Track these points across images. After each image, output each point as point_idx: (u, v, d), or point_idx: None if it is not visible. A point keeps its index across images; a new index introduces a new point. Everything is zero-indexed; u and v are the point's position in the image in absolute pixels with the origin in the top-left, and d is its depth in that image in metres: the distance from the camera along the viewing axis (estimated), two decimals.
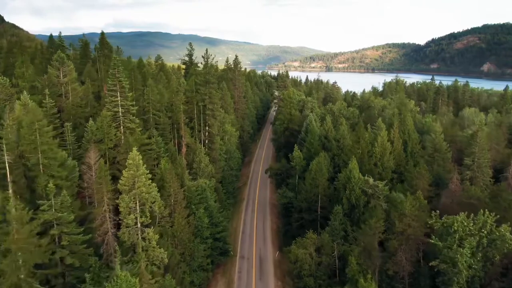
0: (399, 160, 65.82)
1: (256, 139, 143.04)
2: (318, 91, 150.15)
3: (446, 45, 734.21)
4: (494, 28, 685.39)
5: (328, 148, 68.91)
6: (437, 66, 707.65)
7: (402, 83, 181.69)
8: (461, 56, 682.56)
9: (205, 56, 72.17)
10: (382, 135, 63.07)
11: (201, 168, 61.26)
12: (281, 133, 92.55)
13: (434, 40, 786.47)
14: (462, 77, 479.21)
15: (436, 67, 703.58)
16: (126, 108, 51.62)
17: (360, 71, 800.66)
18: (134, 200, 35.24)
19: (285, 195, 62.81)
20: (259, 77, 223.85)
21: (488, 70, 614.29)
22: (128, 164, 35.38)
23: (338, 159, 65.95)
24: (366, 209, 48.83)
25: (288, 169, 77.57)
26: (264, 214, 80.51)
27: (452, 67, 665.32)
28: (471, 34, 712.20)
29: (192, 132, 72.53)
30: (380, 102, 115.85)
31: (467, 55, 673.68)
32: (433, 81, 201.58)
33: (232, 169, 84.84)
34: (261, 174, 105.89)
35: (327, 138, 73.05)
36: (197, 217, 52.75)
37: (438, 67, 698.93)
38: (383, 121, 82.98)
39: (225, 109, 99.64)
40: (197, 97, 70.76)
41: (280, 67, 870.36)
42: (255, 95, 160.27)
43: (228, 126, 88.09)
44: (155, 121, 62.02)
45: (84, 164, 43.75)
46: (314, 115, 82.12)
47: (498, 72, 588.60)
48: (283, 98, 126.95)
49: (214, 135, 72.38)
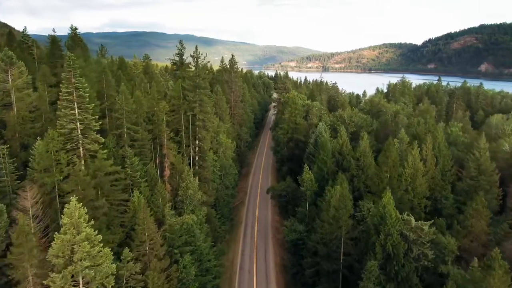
0: (434, 184, 53.03)
1: (254, 146, 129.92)
2: (321, 93, 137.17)
3: (443, 45, 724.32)
4: (491, 28, 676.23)
5: (345, 167, 55.97)
6: (435, 66, 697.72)
7: (408, 84, 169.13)
8: (458, 56, 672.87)
9: (194, 55, 58.88)
10: (414, 153, 50.14)
11: (188, 195, 48.14)
12: (284, 144, 79.44)
13: (431, 40, 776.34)
14: (460, 77, 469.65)
15: (434, 67, 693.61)
16: (87, 123, 38.33)
17: (357, 71, 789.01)
18: (73, 280, 22.08)
19: (294, 229, 49.66)
20: (256, 78, 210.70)
21: (486, 70, 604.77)
22: (64, 224, 22.20)
23: (357, 181, 53.09)
24: (407, 259, 35.98)
25: (294, 189, 64.57)
26: (265, 241, 67.34)
27: (450, 67, 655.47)
28: (468, 34, 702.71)
29: (179, 147, 59.33)
30: (392, 107, 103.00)
31: (464, 55, 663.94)
32: (440, 82, 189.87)
33: (227, 187, 71.74)
34: (261, 188, 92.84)
35: (342, 154, 60.14)
36: (181, 267, 39.61)
37: (436, 67, 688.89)
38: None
39: (220, 116, 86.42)
40: (184, 105, 57.55)
41: (277, 67, 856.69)
42: (252, 98, 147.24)
43: (223, 137, 74.93)
44: (130, 137, 48.71)
45: (17, 209, 30.53)
46: (323, 124, 69.09)
47: (496, 72, 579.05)
48: (285, 102, 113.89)
49: (206, 150, 59.20)
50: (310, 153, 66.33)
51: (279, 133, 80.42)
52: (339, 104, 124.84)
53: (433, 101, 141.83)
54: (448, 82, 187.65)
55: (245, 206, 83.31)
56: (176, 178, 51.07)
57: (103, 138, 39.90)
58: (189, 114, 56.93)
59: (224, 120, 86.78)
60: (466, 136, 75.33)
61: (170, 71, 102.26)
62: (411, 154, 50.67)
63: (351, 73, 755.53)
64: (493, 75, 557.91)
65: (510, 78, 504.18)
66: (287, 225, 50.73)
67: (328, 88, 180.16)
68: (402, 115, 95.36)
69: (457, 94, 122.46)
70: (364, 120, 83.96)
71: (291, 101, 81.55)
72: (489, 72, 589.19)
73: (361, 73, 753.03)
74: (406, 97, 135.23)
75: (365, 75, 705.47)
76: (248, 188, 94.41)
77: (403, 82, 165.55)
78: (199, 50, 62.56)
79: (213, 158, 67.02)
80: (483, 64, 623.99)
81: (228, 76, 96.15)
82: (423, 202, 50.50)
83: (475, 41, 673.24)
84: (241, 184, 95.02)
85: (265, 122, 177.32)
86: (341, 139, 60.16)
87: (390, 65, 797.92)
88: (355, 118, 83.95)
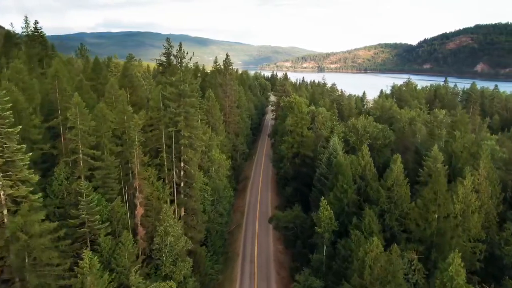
0: (487, 221, 40.58)
1: (252, 155, 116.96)
2: (324, 97, 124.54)
3: (439, 45, 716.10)
4: (486, 28, 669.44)
5: (371, 199, 43.35)
6: (430, 66, 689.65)
7: (413, 86, 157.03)
8: (454, 56, 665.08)
9: (178, 54, 45.85)
10: (466, 183, 37.61)
11: (167, 244, 35.25)
12: (288, 159, 66.55)
13: (426, 40, 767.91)
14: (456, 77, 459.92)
15: (429, 67, 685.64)
16: (8, 156, 25.27)
17: (353, 71, 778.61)
18: None
19: (309, 285, 36.82)
20: (252, 79, 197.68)
21: (482, 70, 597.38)
22: None
23: (389, 218, 40.46)
24: None
25: (303, 221, 51.77)
26: (268, 283, 54.63)
27: (445, 68, 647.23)
28: (464, 34, 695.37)
29: (160, 171, 46.36)
30: (407, 113, 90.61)
31: (460, 55, 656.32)
32: (446, 83, 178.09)
33: (221, 214, 58.79)
34: (261, 207, 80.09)
35: (364, 179, 47.50)
36: None
37: (431, 67, 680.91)
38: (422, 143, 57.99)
39: (213, 126, 73.53)
40: (165, 119, 44.55)
41: (272, 67, 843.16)
42: (249, 101, 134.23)
43: (216, 153, 62.00)
44: (88, 165, 35.59)
45: None
46: (337, 138, 56.32)
47: (492, 72, 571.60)
48: (285, 106, 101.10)
49: (193, 175, 46.17)
50: (322, 174, 53.56)
51: (282, 147, 67.40)
52: (344, 109, 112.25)
53: (443, 105, 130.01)
54: (455, 83, 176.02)
55: (242, 232, 70.31)
56: (152, 217, 38.07)
57: (36, 176, 26.82)
58: (172, 130, 43.91)
59: (217, 131, 73.83)
60: (503, 151, 63.06)
61: (154, 73, 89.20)
62: (461, 184, 38.10)
63: (346, 73, 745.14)
64: (489, 75, 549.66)
65: (506, 79, 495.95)
66: (300, 280, 37.73)
67: (330, 90, 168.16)
68: (419, 123, 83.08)
69: (474, 97, 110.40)
70: (380, 131, 71.39)
71: (296, 108, 68.66)
72: (485, 72, 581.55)
73: (356, 74, 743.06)
74: (416, 101, 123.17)
75: (361, 75, 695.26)
76: (246, 207, 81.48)
77: (408, 84, 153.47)
78: (188, 49, 49.79)
79: (203, 181, 54.09)
80: (478, 64, 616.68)
81: (222, 78, 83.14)
82: (478, 247, 38.03)
83: (470, 41, 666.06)
84: (237, 202, 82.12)
85: (263, 126, 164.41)
86: (363, 159, 47.43)
87: (386, 65, 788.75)
88: (369, 128, 71.35)
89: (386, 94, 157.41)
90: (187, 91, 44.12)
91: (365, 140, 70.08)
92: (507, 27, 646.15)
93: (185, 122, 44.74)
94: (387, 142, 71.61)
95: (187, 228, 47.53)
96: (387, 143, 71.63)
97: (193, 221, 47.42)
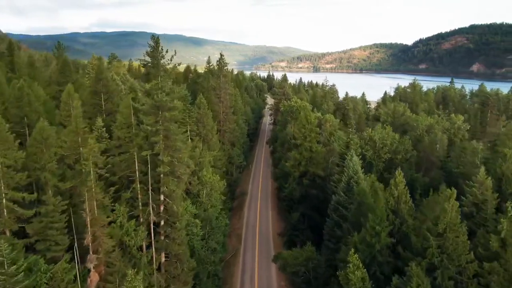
0: None
1: (249, 163, 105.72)
2: (327, 100, 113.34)
3: (434, 46, 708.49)
4: (481, 29, 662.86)
5: (411, 245, 32.30)
6: (426, 66, 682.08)
7: (419, 88, 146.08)
8: (450, 57, 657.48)
9: (156, 53, 34.47)
10: None
11: None
12: (294, 179, 55.15)
13: (421, 40, 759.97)
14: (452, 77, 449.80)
15: (425, 67, 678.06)
16: None
17: (348, 71, 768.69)
18: None
19: None
20: (249, 80, 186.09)
21: (478, 71, 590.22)
22: None
23: (442, 275, 29.49)
24: None
25: (318, 264, 40.50)
26: None
27: (441, 68, 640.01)
28: (459, 34, 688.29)
29: (132, 206, 34.99)
30: (424, 119, 79.69)
31: (455, 55, 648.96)
32: (452, 84, 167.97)
33: (214, 250, 47.43)
34: (260, 230, 69.07)
35: (397, 213, 36.47)
36: None
37: (427, 67, 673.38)
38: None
39: (205, 138, 62.18)
40: (138, 139, 33.13)
41: (267, 67, 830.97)
42: (246, 105, 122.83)
43: (207, 173, 50.56)
44: (15, 216, 24.05)
45: None
46: (356, 157, 45.11)
47: (488, 72, 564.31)
48: (286, 111, 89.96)
49: (176, 212, 34.75)
50: (340, 203, 42.36)
51: (287, 164, 55.93)
52: (350, 112, 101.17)
53: (456, 109, 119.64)
54: (462, 84, 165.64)
55: (239, 262, 58.89)
56: (116, 283, 26.65)
57: None
58: (147, 154, 32.50)
59: (210, 143, 62.40)
60: None
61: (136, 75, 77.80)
62: None
63: (342, 73, 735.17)
64: (485, 75, 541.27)
65: (503, 79, 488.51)
66: None
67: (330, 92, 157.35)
68: (439, 132, 72.37)
69: (492, 100, 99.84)
70: (401, 144, 60.37)
71: (303, 117, 57.30)
72: (481, 73, 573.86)
73: (352, 74, 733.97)
74: (425, 104, 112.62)
75: (357, 75, 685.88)
76: (243, 229, 70.16)
77: (414, 85, 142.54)
78: (183, 49, 38.76)
79: (191, 212, 42.69)
80: (474, 64, 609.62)
81: (216, 81, 71.65)
82: None
83: (466, 41, 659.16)
84: (233, 223, 70.82)
85: (260, 131, 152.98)
86: (396, 189, 36.30)
87: (381, 65, 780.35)
88: (387, 140, 60.30)
89: (390, 96, 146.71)
90: (167, 102, 32.71)
91: (383, 154, 59.17)
92: (502, 27, 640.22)
93: (165, 143, 33.35)
94: (409, 157, 60.73)
95: (169, 279, 36.20)
96: (408, 157, 60.73)
97: (177, 270, 36.06)
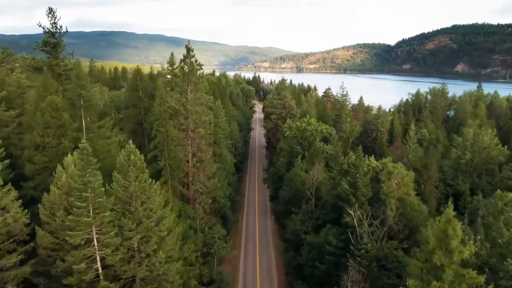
0: None
1: (237, 210, 71.83)
2: (342, 113, 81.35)
3: (418, 46, 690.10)
4: (463, 29, 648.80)
5: None
6: (410, 66, 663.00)
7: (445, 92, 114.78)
8: (434, 57, 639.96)
9: None
10: None
11: None
12: None
13: (404, 40, 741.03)
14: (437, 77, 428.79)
15: (409, 67, 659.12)
16: None
17: (332, 71, 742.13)
18: None
19: None
20: (234, 84, 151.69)
21: (463, 71, 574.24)
22: None
23: None
24: None
25: None
26: None
27: (426, 68, 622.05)
28: (442, 34, 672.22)
29: None
30: None
31: (439, 55, 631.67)
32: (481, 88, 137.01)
33: None
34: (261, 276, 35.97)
35: None
36: None
37: (411, 67, 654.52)
38: None
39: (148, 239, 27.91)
40: None
41: (250, 67, 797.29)
42: (232, 120, 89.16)
43: None
44: None
45: None
46: None
47: (473, 72, 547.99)
48: (292, 137, 57.04)
49: None
50: None
51: None
52: (347, 126, 69.19)
53: (489, 116, 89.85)
54: (470, 86, 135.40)
55: None
56: None
57: None
58: None
59: (162, 245, 28.61)
60: None
61: None
62: None
63: (326, 74, 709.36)
64: (470, 75, 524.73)
65: (488, 79, 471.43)
66: None
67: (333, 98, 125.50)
68: None
69: None
70: None
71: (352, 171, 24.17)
72: (466, 73, 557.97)
73: (336, 74, 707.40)
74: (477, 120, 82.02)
75: (341, 76, 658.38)
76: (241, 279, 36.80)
77: (443, 90, 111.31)
78: (164, 49, 7.03)
79: None
80: (459, 64, 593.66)
81: (180, 102, 37.35)
82: None
83: (449, 41, 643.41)
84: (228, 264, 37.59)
85: (250, 149, 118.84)
86: None
87: (365, 65, 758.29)
88: None
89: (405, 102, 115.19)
90: None
91: None
92: (484, 27, 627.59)
93: None
94: None
95: None
96: None
97: None
